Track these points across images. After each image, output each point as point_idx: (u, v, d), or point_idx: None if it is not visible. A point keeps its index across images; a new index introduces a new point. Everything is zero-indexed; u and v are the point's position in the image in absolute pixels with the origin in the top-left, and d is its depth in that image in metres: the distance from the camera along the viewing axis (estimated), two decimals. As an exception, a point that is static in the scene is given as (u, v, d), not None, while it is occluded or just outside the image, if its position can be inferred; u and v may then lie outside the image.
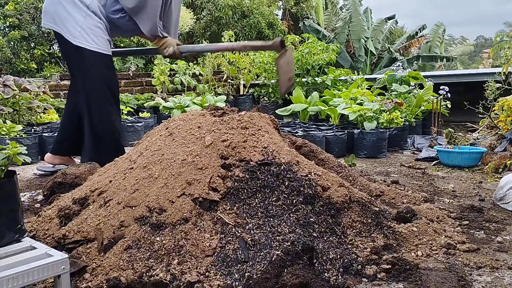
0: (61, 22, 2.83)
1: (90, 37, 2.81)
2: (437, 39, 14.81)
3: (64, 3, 2.82)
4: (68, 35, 2.81)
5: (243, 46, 3.60)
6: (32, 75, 7.76)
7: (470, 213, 2.22)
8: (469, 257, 1.66)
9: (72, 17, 2.80)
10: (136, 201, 1.67)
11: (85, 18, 2.80)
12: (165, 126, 2.14)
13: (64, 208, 1.81)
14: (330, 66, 7.20)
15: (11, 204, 1.29)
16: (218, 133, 1.93)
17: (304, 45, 6.97)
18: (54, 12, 2.86)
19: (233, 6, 10.42)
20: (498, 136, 4.02)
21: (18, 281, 1.14)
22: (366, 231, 1.72)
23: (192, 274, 1.43)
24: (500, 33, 7.61)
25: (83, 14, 2.80)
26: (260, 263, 1.48)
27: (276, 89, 7.12)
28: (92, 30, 2.82)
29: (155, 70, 6.70)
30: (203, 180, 1.72)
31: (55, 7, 2.86)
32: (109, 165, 2.15)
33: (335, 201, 1.77)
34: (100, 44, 2.85)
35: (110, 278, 1.40)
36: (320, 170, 1.93)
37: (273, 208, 1.69)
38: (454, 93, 5.15)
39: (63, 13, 2.82)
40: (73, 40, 2.80)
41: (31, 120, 4.82)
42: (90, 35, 2.81)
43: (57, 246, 1.60)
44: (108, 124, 2.96)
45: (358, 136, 4.10)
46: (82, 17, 2.80)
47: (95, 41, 2.83)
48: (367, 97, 5.12)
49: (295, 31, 13.43)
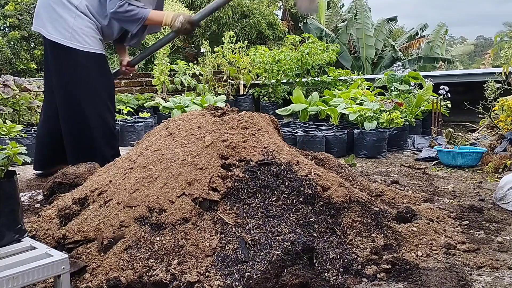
0: (51, 25, 2.82)
1: (81, 38, 2.80)
2: (438, 39, 14.81)
3: (54, 5, 2.82)
4: (59, 37, 2.79)
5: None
6: (32, 75, 7.77)
7: (470, 213, 2.22)
8: (469, 257, 1.66)
9: (63, 19, 2.79)
10: (136, 201, 1.67)
11: (75, 19, 2.79)
12: (165, 126, 2.14)
13: (64, 208, 1.81)
14: (330, 66, 7.21)
15: (11, 204, 1.29)
16: (218, 133, 1.93)
17: (304, 45, 6.98)
18: (45, 15, 2.86)
19: (233, 6, 10.42)
20: (498, 136, 4.02)
21: (18, 281, 1.14)
22: (366, 231, 1.72)
23: (192, 274, 1.43)
24: (500, 33, 7.61)
25: (73, 15, 2.79)
26: (260, 263, 1.48)
27: (276, 89, 7.12)
28: (83, 31, 2.81)
29: (155, 70, 6.70)
30: (203, 180, 1.72)
31: (46, 9, 2.86)
32: (109, 165, 2.15)
33: (335, 201, 1.77)
34: (92, 44, 2.84)
35: (110, 278, 1.40)
36: (320, 170, 1.93)
37: (273, 208, 1.69)
38: (454, 93, 5.15)
39: (54, 15, 2.82)
40: (65, 42, 2.79)
41: (31, 120, 4.82)
42: (81, 35, 2.80)
43: (57, 246, 1.60)
44: (104, 128, 2.93)
45: (358, 136, 4.10)
46: (72, 18, 2.79)
47: (87, 41, 2.82)
48: (367, 97, 5.12)
49: (295, 31, 13.44)
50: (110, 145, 2.99)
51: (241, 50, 7.45)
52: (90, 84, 2.88)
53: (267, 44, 11.15)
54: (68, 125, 2.92)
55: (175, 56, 10.08)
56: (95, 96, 2.90)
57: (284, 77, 7.13)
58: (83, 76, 2.86)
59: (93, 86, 2.89)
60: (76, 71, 2.85)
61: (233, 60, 7.34)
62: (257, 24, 10.67)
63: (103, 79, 2.96)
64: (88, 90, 2.87)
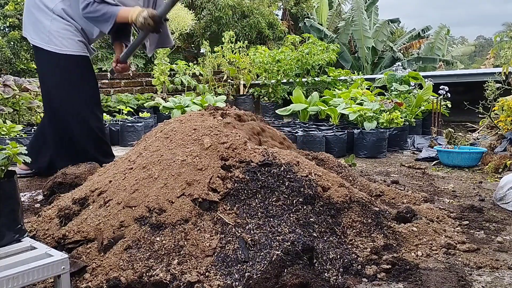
0: (32, 29, 2.82)
1: (58, 40, 2.77)
2: (439, 41, 14.82)
3: (32, 10, 2.82)
4: (39, 41, 2.78)
5: None
6: (32, 75, 7.77)
7: (470, 213, 2.22)
8: (469, 257, 1.66)
9: (40, 22, 2.79)
10: (136, 201, 1.67)
11: (51, 22, 2.77)
12: (163, 128, 2.14)
13: (64, 208, 1.81)
14: (330, 67, 7.21)
15: (11, 204, 1.29)
16: (218, 135, 1.93)
17: (304, 45, 6.98)
18: (27, 20, 2.86)
19: (233, 6, 10.42)
20: (498, 136, 4.02)
21: (18, 281, 1.14)
22: (366, 231, 1.72)
23: (192, 274, 1.43)
24: (500, 33, 7.62)
25: (49, 19, 2.77)
26: (260, 263, 1.48)
27: (276, 89, 7.12)
28: (59, 33, 2.78)
29: (155, 70, 6.71)
30: (203, 180, 1.72)
31: (26, 14, 2.87)
32: (109, 165, 2.15)
33: (335, 201, 1.77)
34: (70, 46, 2.80)
35: (110, 278, 1.40)
36: (321, 170, 1.93)
37: (273, 208, 1.69)
38: (454, 93, 5.15)
39: (33, 19, 2.82)
40: (44, 46, 2.77)
41: (31, 120, 4.82)
42: (58, 38, 2.77)
43: (57, 246, 1.60)
44: (89, 132, 2.88)
45: (358, 136, 4.10)
46: (49, 21, 2.77)
47: (64, 44, 2.78)
48: (367, 97, 5.12)
49: (295, 31, 13.44)
50: (98, 150, 2.93)
51: (241, 50, 7.45)
52: (71, 87, 2.83)
53: (267, 44, 11.15)
54: (51, 129, 2.90)
55: (175, 56, 10.09)
56: (75, 99, 2.84)
57: (284, 77, 7.13)
58: (63, 79, 2.82)
59: (74, 89, 2.84)
60: (55, 74, 2.81)
61: (233, 60, 7.34)
62: (257, 24, 10.67)
63: (85, 81, 2.90)
64: (68, 93, 2.83)
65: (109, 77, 6.80)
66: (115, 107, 6.01)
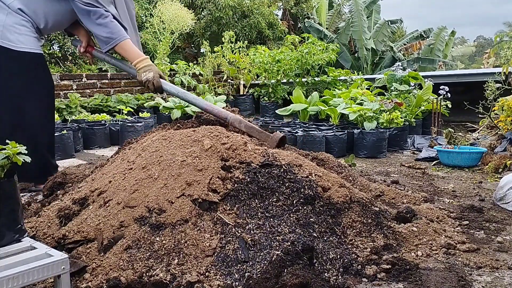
0: None
1: (13, 36, 2.55)
2: (439, 42, 14.81)
3: None
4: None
5: (238, 122, 2.34)
6: None
7: (470, 213, 2.22)
8: (469, 257, 1.66)
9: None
10: (135, 201, 1.67)
11: (7, 16, 2.56)
12: (161, 130, 2.13)
13: (64, 208, 1.81)
14: (330, 67, 7.21)
15: (11, 204, 1.29)
16: (219, 135, 1.93)
17: (304, 45, 6.98)
18: None
19: (233, 6, 10.42)
20: (498, 136, 4.02)
21: (18, 281, 1.14)
22: (366, 231, 1.72)
23: (192, 274, 1.43)
24: (500, 33, 7.61)
25: (5, 13, 2.56)
26: (260, 263, 1.48)
27: (276, 89, 7.12)
28: (15, 29, 2.56)
29: (155, 70, 6.69)
30: (203, 181, 1.72)
31: None
32: (108, 165, 2.15)
33: (336, 201, 1.77)
34: (26, 43, 2.59)
35: (110, 278, 1.40)
36: (321, 171, 1.93)
37: (273, 209, 1.69)
38: (454, 93, 5.15)
39: None
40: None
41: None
42: (13, 33, 2.55)
43: (57, 246, 1.60)
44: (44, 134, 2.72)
45: (358, 136, 4.10)
46: (4, 15, 2.55)
47: (19, 40, 2.57)
48: (367, 97, 5.12)
49: (295, 31, 13.44)
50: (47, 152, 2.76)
51: (241, 50, 7.45)
52: (26, 85, 2.65)
53: (267, 44, 11.15)
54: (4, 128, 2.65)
55: (175, 56, 10.08)
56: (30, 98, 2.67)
57: (284, 77, 7.13)
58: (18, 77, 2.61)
59: (29, 87, 2.66)
60: (8, 71, 2.59)
61: (233, 60, 7.34)
62: (257, 24, 10.67)
63: (41, 80, 2.72)
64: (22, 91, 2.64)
65: (109, 77, 6.80)
66: (115, 107, 6.01)
